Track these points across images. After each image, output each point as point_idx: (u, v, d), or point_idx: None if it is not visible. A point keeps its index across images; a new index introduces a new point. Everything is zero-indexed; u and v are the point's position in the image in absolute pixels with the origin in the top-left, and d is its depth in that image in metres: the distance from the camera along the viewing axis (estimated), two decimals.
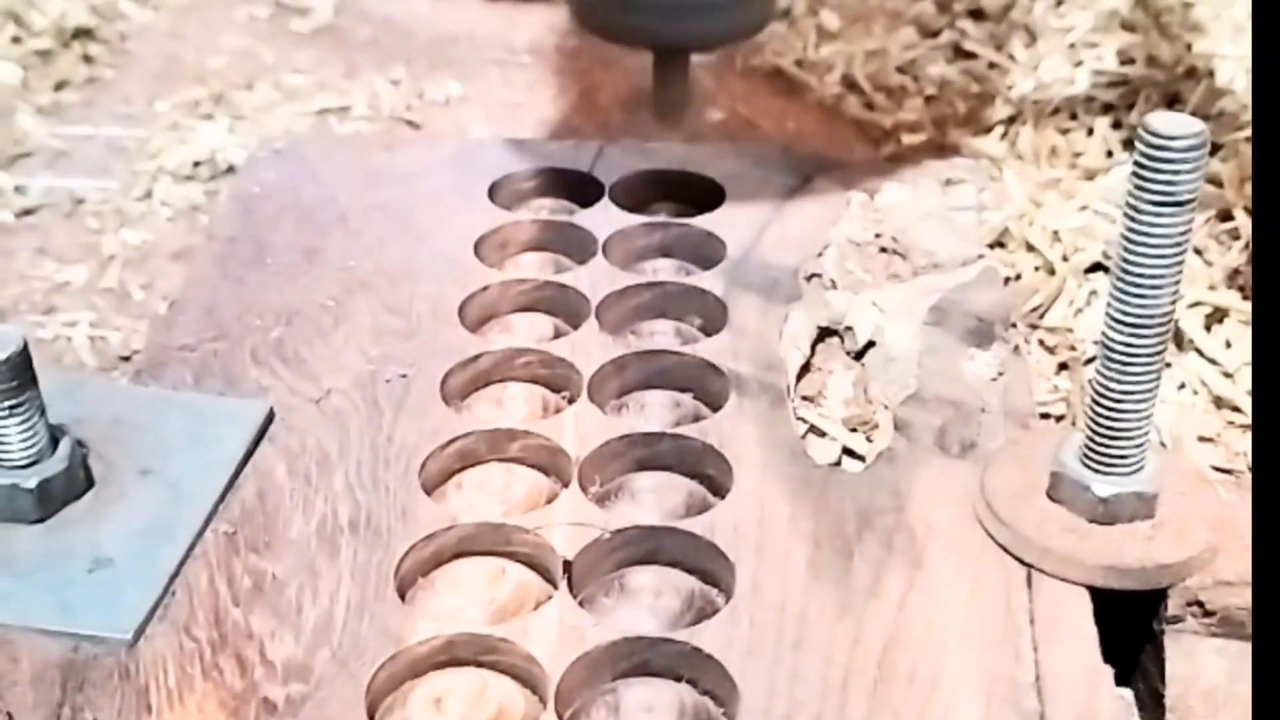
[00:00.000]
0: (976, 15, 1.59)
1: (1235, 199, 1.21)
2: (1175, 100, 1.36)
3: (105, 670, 0.78)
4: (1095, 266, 1.18)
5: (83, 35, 1.61)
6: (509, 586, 0.85)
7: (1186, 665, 0.84)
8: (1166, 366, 0.94)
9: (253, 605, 0.82)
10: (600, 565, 0.86)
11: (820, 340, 1.04)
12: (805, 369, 1.02)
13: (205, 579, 0.84)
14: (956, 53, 1.53)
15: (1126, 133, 1.33)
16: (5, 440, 0.85)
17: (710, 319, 1.06)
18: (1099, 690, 0.77)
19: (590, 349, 1.02)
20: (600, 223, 1.15)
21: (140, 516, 0.88)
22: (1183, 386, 1.07)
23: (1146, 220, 0.77)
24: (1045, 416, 1.05)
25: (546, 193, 1.22)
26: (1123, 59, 1.43)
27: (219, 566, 0.85)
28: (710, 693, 0.79)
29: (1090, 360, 1.08)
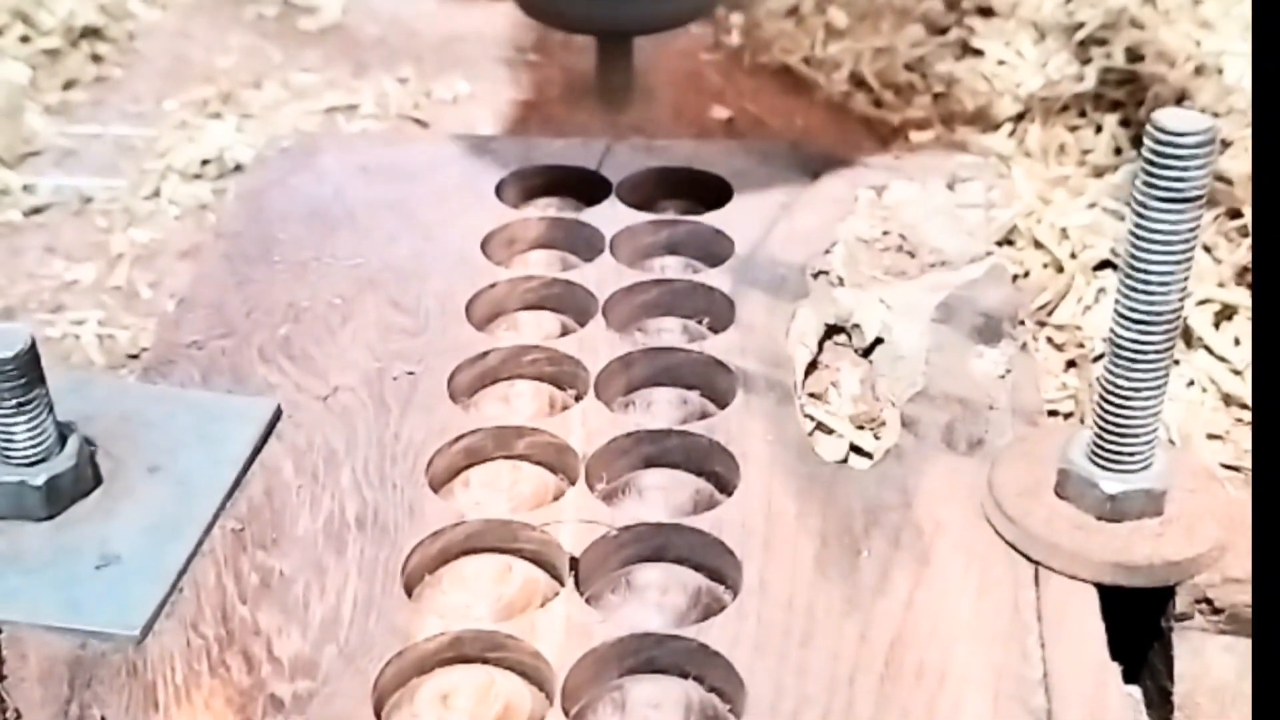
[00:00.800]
0: (985, 12, 1.58)
1: (1244, 196, 1.21)
2: (1184, 97, 1.35)
3: (113, 667, 0.79)
4: (1104, 264, 1.18)
5: (91, 34, 1.62)
6: (516, 583, 0.85)
7: (1194, 663, 0.84)
8: (1175, 364, 0.94)
9: (260, 602, 0.82)
10: (607, 562, 0.86)
11: (828, 337, 1.04)
12: (813, 366, 1.02)
13: (213, 576, 0.84)
14: (965, 50, 1.53)
15: (1135, 130, 1.32)
16: (13, 438, 0.86)
17: (718, 316, 1.06)
18: (1107, 687, 0.77)
19: (597, 346, 1.02)
20: (608, 220, 1.15)
21: (148, 513, 0.88)
22: (1192, 384, 1.07)
23: (1155, 217, 0.77)
24: (1054, 414, 1.05)
25: (554, 190, 1.22)
26: (1131, 56, 1.42)
27: (226, 563, 0.85)
28: (717, 689, 0.79)
29: (1099, 357, 1.07)
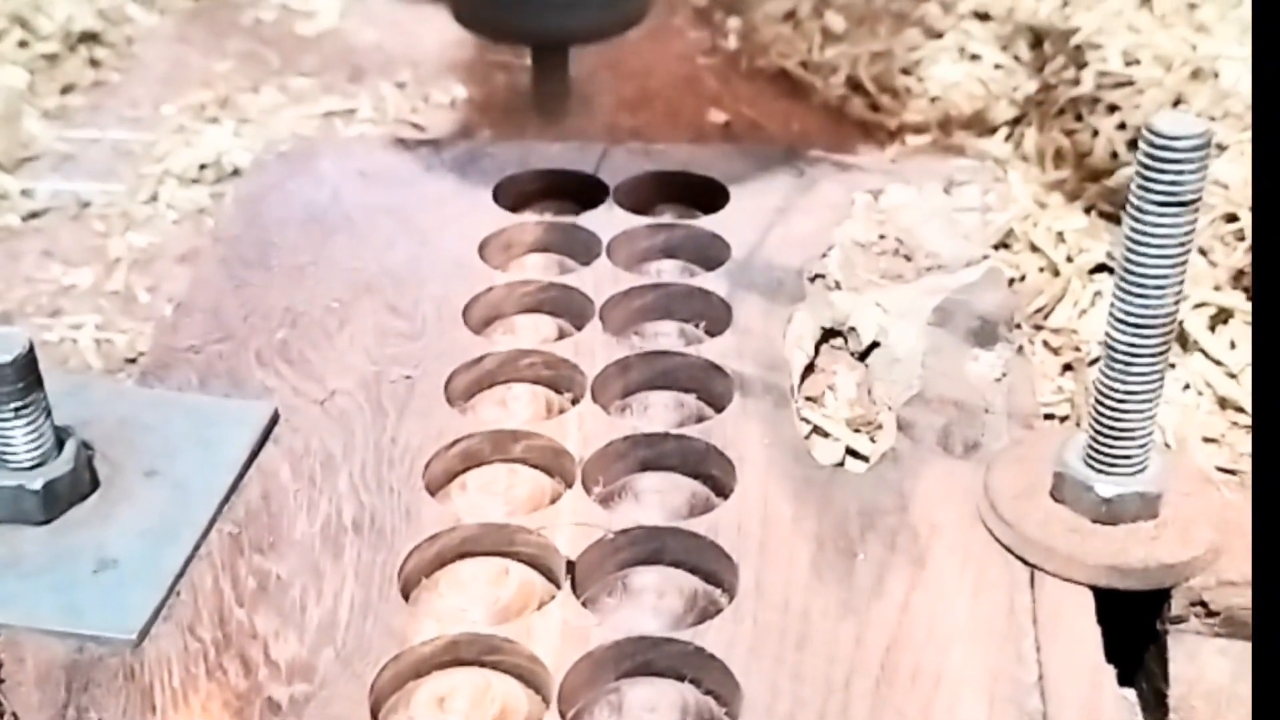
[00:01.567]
0: (981, 16, 1.59)
1: (1240, 200, 1.21)
2: (1179, 101, 1.36)
3: (110, 671, 0.79)
4: (1099, 267, 1.18)
5: (89, 39, 1.62)
6: (512, 587, 0.85)
7: (1190, 666, 0.84)
8: (1171, 367, 0.94)
9: (257, 605, 0.83)
10: (603, 565, 0.86)
11: (824, 341, 1.04)
12: (809, 370, 1.02)
13: (210, 579, 0.84)
14: (961, 54, 1.53)
15: (1131, 134, 1.32)
16: (11, 442, 0.86)
17: (714, 320, 1.06)
18: (1102, 690, 0.77)
19: (594, 350, 1.02)
20: (604, 224, 1.15)
21: (145, 517, 0.88)
22: (1187, 387, 1.07)
23: (1150, 221, 0.77)
24: (1049, 417, 1.05)
25: (550, 194, 1.22)
26: (1127, 60, 1.42)
27: (224, 567, 0.85)
28: (713, 692, 0.79)
29: (1094, 361, 1.08)
